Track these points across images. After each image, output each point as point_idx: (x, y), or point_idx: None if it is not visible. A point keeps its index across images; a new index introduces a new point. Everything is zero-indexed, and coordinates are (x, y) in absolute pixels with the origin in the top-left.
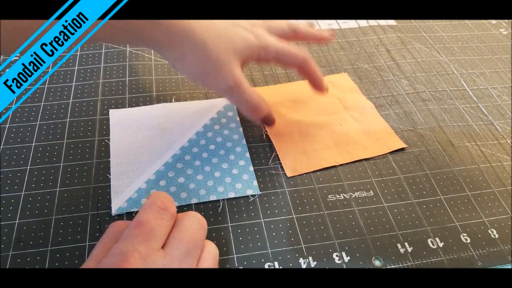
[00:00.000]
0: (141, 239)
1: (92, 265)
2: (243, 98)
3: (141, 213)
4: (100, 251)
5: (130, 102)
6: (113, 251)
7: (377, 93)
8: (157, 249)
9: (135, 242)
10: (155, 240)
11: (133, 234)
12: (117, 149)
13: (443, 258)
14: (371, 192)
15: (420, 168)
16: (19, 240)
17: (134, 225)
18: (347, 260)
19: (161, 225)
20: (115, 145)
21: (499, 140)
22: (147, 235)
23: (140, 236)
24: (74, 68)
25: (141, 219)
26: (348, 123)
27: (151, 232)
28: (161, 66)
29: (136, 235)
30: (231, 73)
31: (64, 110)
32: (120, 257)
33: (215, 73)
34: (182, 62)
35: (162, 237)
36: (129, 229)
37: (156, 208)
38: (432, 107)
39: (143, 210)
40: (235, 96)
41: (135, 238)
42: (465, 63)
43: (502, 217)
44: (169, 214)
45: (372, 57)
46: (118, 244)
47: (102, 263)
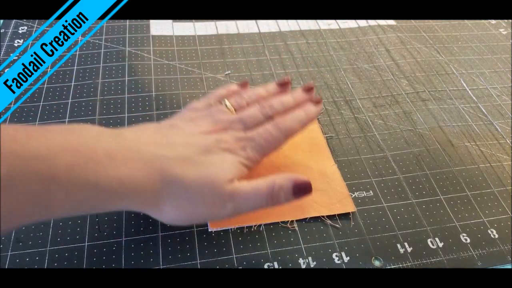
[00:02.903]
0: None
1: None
2: (250, 201)
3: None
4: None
5: (130, 102)
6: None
7: (376, 93)
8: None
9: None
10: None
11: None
12: None
13: (443, 258)
14: (371, 192)
15: (419, 168)
16: (18, 240)
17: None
18: (346, 260)
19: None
20: None
21: (498, 140)
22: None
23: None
24: (73, 68)
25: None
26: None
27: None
28: (161, 66)
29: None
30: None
31: (63, 110)
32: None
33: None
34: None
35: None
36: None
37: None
38: (431, 107)
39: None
40: (240, 208)
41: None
42: (465, 63)
43: (502, 217)
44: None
45: (371, 57)
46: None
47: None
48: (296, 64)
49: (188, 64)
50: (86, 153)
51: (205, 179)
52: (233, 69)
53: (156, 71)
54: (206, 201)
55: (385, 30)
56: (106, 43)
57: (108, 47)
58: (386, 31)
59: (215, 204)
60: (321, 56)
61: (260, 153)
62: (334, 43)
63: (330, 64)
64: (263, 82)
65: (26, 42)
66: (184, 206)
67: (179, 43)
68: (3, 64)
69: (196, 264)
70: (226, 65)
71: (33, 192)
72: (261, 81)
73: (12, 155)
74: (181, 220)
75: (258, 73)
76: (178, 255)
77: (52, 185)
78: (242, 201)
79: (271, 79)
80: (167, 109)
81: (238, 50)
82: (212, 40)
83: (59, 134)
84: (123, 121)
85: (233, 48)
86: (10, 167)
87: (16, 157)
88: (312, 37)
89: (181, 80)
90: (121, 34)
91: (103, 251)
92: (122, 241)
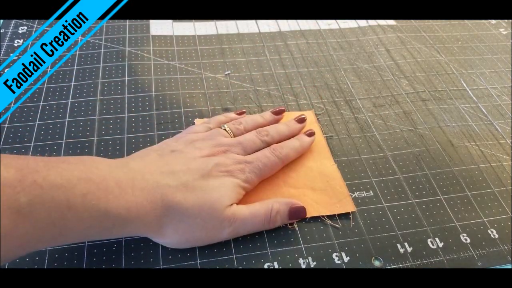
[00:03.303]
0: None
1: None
2: (247, 224)
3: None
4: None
5: (130, 102)
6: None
7: (376, 93)
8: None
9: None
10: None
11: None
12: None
13: (443, 258)
14: (371, 192)
15: (419, 168)
16: None
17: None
18: (346, 260)
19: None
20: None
21: (498, 140)
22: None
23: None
24: (73, 68)
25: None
26: (301, 173)
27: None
28: (160, 66)
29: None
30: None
31: (63, 110)
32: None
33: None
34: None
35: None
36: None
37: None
38: (431, 107)
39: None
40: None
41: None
42: (465, 63)
43: (502, 217)
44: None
45: (371, 57)
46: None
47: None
48: (296, 64)
49: (188, 64)
50: (98, 183)
51: (205, 205)
52: (233, 69)
53: (156, 71)
54: (205, 225)
55: (385, 30)
56: (106, 43)
57: (108, 47)
58: (386, 31)
59: (214, 228)
60: (321, 56)
61: (257, 176)
62: (334, 43)
63: (330, 64)
64: (263, 82)
65: (26, 42)
66: (184, 230)
67: (179, 43)
68: (3, 64)
69: (196, 264)
70: (226, 65)
71: (50, 218)
72: (261, 81)
73: (34, 185)
74: (182, 243)
75: (258, 73)
76: (178, 255)
77: (68, 212)
78: (241, 225)
79: (271, 79)
80: (167, 109)
81: (238, 50)
82: (212, 40)
83: (74, 165)
84: (123, 121)
85: (233, 48)
86: (31, 196)
87: (38, 187)
88: (312, 37)
89: (181, 80)
90: (121, 34)
91: (103, 251)
92: (122, 241)
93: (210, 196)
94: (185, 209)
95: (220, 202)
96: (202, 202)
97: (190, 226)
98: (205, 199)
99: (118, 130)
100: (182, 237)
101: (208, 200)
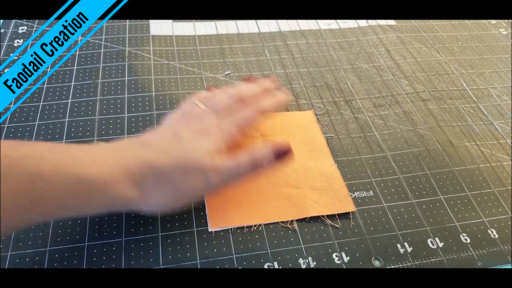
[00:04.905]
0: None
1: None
2: (233, 172)
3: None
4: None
5: (130, 102)
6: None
7: (376, 93)
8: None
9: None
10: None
11: None
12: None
13: (443, 258)
14: (371, 192)
15: (420, 168)
16: (18, 240)
17: None
18: (346, 260)
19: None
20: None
21: (498, 140)
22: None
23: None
24: (73, 68)
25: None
26: (301, 173)
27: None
28: (160, 66)
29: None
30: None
31: (63, 110)
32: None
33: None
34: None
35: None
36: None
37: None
38: (431, 107)
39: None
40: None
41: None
42: (465, 63)
43: (502, 217)
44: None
45: (371, 57)
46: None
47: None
48: (296, 64)
49: (188, 64)
50: (71, 155)
51: (182, 159)
52: (233, 69)
53: (156, 71)
54: (189, 179)
55: (385, 30)
56: (106, 43)
57: (108, 47)
58: (386, 31)
59: (197, 179)
60: (321, 56)
61: (236, 128)
62: (334, 43)
63: (330, 64)
64: None
65: (26, 42)
66: (168, 189)
67: (179, 43)
68: (3, 64)
69: (196, 264)
70: (226, 65)
71: (21, 187)
72: None
73: (4, 158)
74: (170, 202)
75: (258, 73)
76: (178, 255)
77: (40, 182)
78: (225, 172)
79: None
80: (167, 109)
81: (238, 50)
82: (212, 40)
83: (46, 143)
84: (123, 121)
85: (233, 48)
86: (4, 167)
87: (8, 159)
88: (312, 37)
89: (181, 80)
90: (121, 34)
91: (103, 251)
92: (122, 241)
93: (186, 150)
94: (164, 168)
95: (198, 153)
96: (180, 157)
97: (172, 183)
98: (182, 154)
99: (118, 130)
100: (168, 196)
101: (185, 154)
